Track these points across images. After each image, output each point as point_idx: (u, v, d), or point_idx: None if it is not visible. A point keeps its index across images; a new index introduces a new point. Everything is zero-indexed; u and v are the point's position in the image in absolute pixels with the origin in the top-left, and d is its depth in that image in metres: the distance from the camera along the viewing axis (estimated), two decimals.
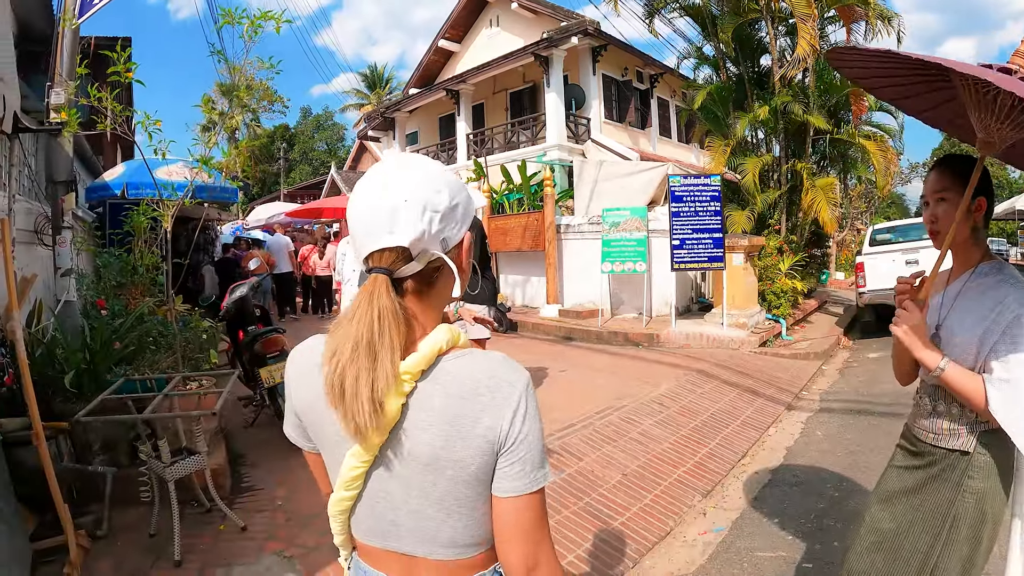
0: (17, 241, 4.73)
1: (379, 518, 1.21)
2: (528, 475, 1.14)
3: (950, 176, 2.06)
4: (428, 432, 1.12)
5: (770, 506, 4.60)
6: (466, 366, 1.16)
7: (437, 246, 1.16)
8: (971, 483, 2.00)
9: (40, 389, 4.47)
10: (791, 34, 13.28)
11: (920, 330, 1.98)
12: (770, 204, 13.22)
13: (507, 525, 1.15)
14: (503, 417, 1.12)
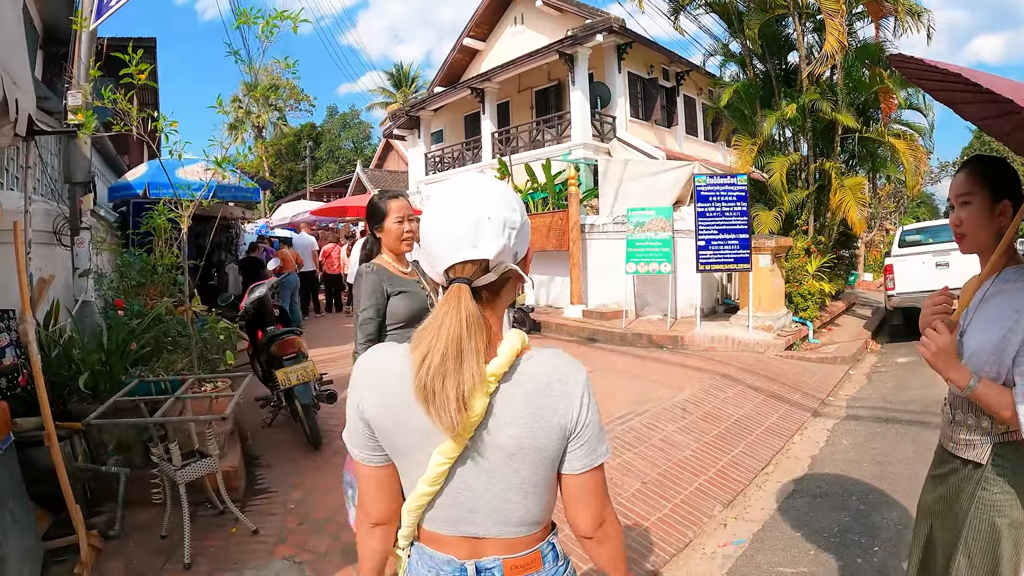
0: (35, 242, 4.73)
1: (458, 507, 1.34)
2: (594, 452, 1.34)
3: (976, 178, 2.00)
4: (512, 426, 1.28)
5: (793, 518, 4.46)
6: (538, 365, 1.33)
7: (511, 259, 1.33)
8: (984, 495, 1.97)
9: (56, 390, 4.50)
10: (819, 30, 13.00)
11: (949, 351, 1.91)
12: (798, 204, 12.98)
13: (579, 496, 1.36)
14: (572, 407, 1.31)
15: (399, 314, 3.13)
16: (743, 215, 10.31)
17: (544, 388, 1.30)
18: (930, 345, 1.93)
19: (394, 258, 3.27)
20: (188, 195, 5.46)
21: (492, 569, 1.35)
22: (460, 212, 1.29)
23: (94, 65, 5.27)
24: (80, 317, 5.58)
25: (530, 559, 1.37)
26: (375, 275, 3.14)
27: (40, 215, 5.34)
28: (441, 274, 1.33)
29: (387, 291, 3.12)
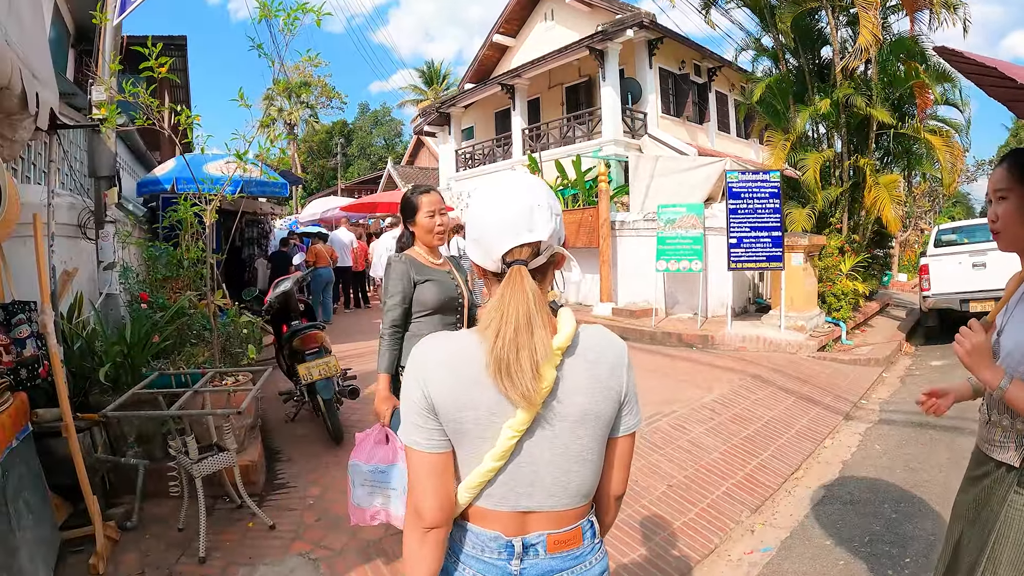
0: (59, 235, 4.75)
1: (519, 481, 1.39)
2: (638, 414, 1.52)
3: (1015, 173, 1.92)
4: (579, 394, 1.39)
5: (822, 526, 4.31)
6: (592, 339, 1.45)
7: (556, 241, 1.45)
8: (1017, 498, 1.91)
9: (78, 381, 4.52)
10: (852, 24, 12.68)
11: (982, 350, 1.88)
12: (831, 202, 12.71)
13: (622, 457, 1.51)
14: (623, 374, 1.46)
15: (426, 302, 3.29)
16: (776, 212, 10.11)
17: (601, 358, 1.43)
18: (964, 343, 1.89)
19: (426, 250, 3.42)
20: (213, 190, 5.45)
21: (536, 545, 1.41)
22: (513, 202, 1.40)
23: (114, 60, 5.28)
24: (104, 310, 5.60)
25: (572, 535, 1.44)
26: (403, 264, 3.31)
27: (64, 209, 5.36)
28: (497, 260, 1.41)
29: (414, 279, 3.28)
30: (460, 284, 3.40)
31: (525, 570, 1.41)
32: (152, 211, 9.84)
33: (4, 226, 3.56)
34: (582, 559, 1.46)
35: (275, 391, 7.00)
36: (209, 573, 3.58)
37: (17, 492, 3.14)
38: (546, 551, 1.42)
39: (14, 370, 3.68)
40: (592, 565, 1.47)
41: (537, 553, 1.41)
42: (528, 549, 1.41)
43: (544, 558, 1.42)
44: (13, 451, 3.18)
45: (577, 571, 1.45)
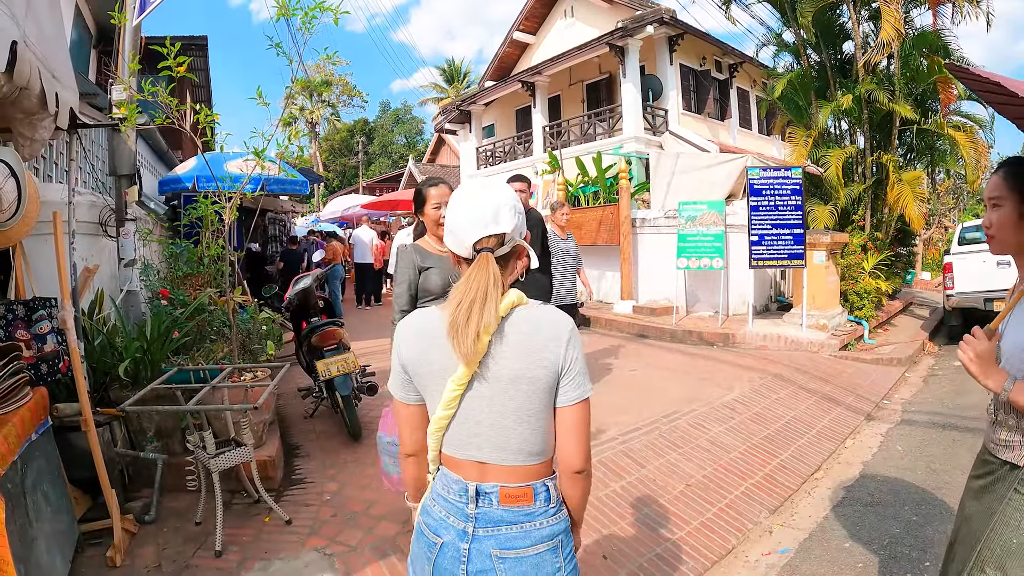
0: (80, 233, 4.81)
1: (467, 432, 1.65)
2: (582, 385, 1.64)
3: (1008, 182, 1.98)
4: (510, 359, 1.60)
5: (842, 528, 4.25)
6: (530, 312, 1.65)
7: (518, 235, 1.71)
8: (1016, 496, 1.94)
9: (98, 376, 4.58)
10: (874, 18, 12.51)
11: (986, 357, 1.92)
12: (854, 199, 12.55)
13: (573, 426, 1.64)
14: (560, 345, 1.61)
15: (430, 288, 3.46)
16: (798, 209, 9.99)
17: (537, 331, 1.62)
18: (967, 350, 1.94)
19: (435, 239, 3.57)
20: (233, 188, 5.48)
21: (490, 494, 1.63)
22: (484, 200, 1.66)
23: (133, 59, 5.32)
24: (124, 306, 5.65)
25: (523, 492, 1.63)
26: (409, 252, 3.53)
27: (85, 207, 5.42)
28: (469, 247, 1.67)
29: (419, 265, 3.48)
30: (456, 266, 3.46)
31: (480, 515, 1.63)
32: (174, 209, 9.92)
33: (24, 224, 3.60)
34: (533, 518, 1.63)
35: (294, 387, 7.04)
36: (225, 567, 3.61)
37: (36, 485, 3.18)
38: (498, 502, 1.62)
39: (35, 365, 3.73)
40: (543, 526, 1.64)
41: (491, 502, 1.63)
42: (482, 496, 1.63)
43: (496, 508, 1.62)
44: (32, 444, 3.21)
45: (527, 528, 1.62)
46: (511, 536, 1.61)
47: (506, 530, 1.62)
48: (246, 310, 6.31)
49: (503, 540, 1.61)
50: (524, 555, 1.61)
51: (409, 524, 4.04)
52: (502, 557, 1.60)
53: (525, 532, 1.62)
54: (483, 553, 1.61)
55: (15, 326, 3.69)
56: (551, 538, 1.64)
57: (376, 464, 4.99)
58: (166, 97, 4.69)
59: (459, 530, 1.64)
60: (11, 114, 3.28)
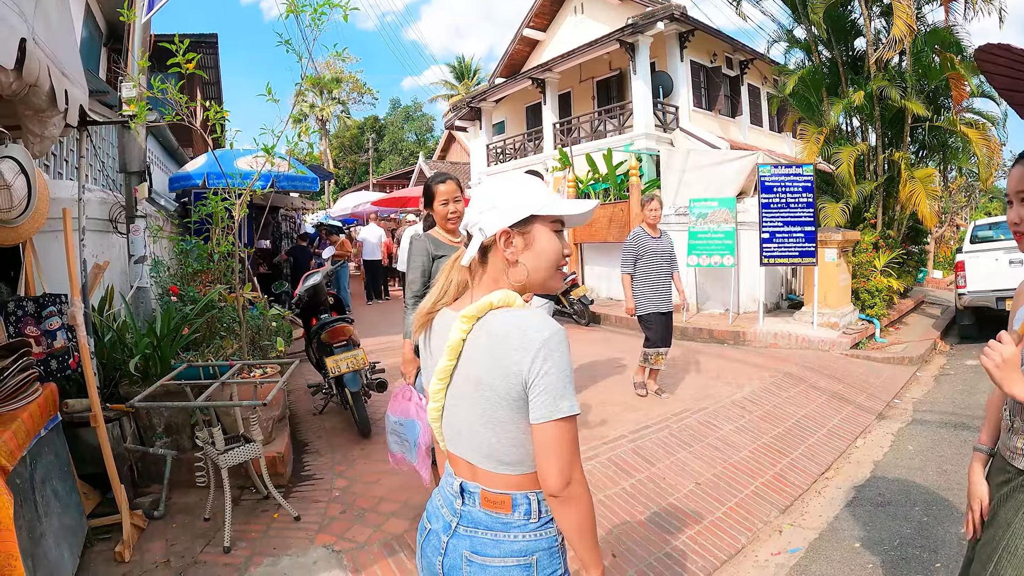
0: (90, 229, 4.83)
1: (450, 427, 1.66)
2: (552, 404, 1.45)
3: None
4: (477, 362, 1.54)
5: (852, 528, 4.21)
6: (507, 317, 1.53)
7: (477, 231, 1.62)
8: None
9: (108, 372, 4.59)
10: (886, 14, 12.40)
11: (1013, 364, 1.77)
12: (865, 196, 12.43)
13: (543, 446, 1.47)
14: (525, 356, 1.45)
15: None
16: (809, 207, 9.92)
17: (504, 337, 1.49)
18: (993, 356, 1.79)
19: (446, 231, 3.74)
20: (243, 184, 5.49)
21: (474, 493, 1.60)
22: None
23: (143, 56, 5.34)
24: (134, 302, 5.67)
25: (500, 499, 1.57)
26: (423, 241, 3.69)
27: (95, 204, 5.43)
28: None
29: (432, 254, 3.64)
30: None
31: (464, 512, 1.61)
32: (184, 206, 9.95)
33: (34, 221, 3.62)
34: (509, 528, 1.56)
35: (304, 384, 7.06)
36: (233, 563, 3.61)
37: (45, 480, 3.19)
38: (479, 503, 1.59)
39: (44, 361, 3.76)
40: (517, 539, 1.55)
41: (474, 502, 1.60)
42: (467, 494, 1.62)
43: (478, 509, 1.59)
44: (42, 440, 3.23)
45: (500, 536, 1.56)
46: (484, 541, 1.57)
47: (482, 534, 1.57)
48: (256, 306, 6.32)
49: (476, 543, 1.57)
50: (488, 564, 1.55)
51: (417, 521, 4.05)
52: (470, 560, 1.57)
53: (496, 541, 1.56)
54: (457, 551, 1.59)
55: (25, 322, 3.71)
56: (523, 554, 1.55)
57: (386, 460, 5.04)
58: (176, 94, 4.70)
59: (446, 522, 1.64)
60: (21, 111, 3.28)
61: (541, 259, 1.62)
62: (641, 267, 6.60)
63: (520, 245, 1.61)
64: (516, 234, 1.60)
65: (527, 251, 1.62)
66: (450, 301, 1.71)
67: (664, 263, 6.61)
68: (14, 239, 3.70)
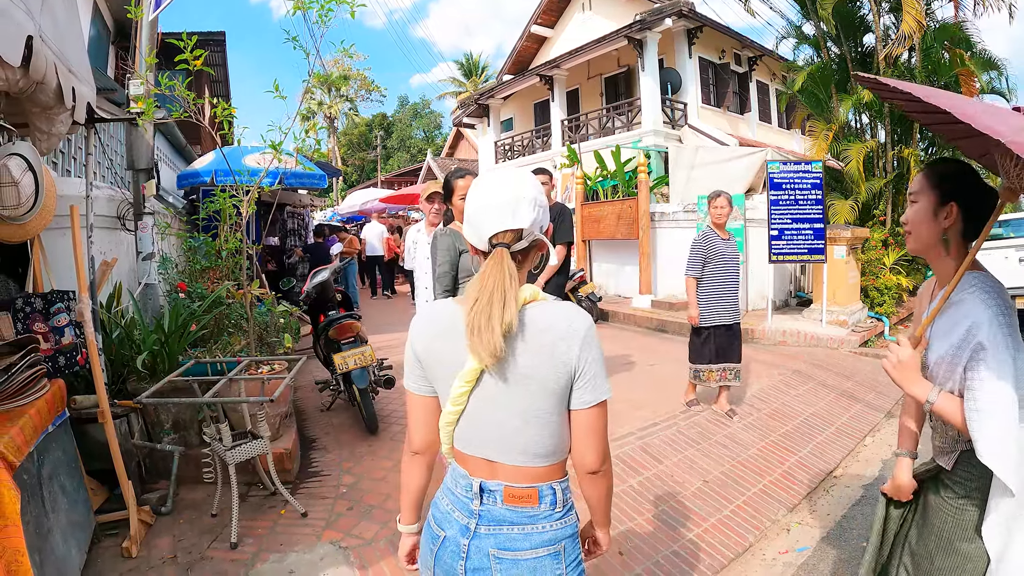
0: (98, 226, 4.84)
1: (474, 428, 1.62)
2: (598, 388, 1.56)
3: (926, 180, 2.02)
4: (520, 356, 1.54)
5: (860, 526, 4.17)
6: (545, 309, 1.58)
7: (538, 230, 1.64)
8: (948, 500, 2.04)
9: (116, 369, 4.60)
10: (895, 10, 12.35)
11: (909, 366, 1.95)
12: (875, 193, 12.41)
13: (588, 429, 1.58)
14: (573, 348, 1.53)
15: (469, 268, 3.70)
16: (818, 204, 9.86)
17: (550, 328, 1.55)
18: (891, 358, 1.97)
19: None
20: (251, 181, 5.49)
21: (495, 492, 1.60)
22: (502, 192, 1.59)
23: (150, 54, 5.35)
24: (142, 299, 5.68)
25: (527, 493, 1.59)
26: (448, 236, 3.74)
27: (103, 200, 5.45)
28: (485, 241, 1.61)
29: (459, 248, 3.71)
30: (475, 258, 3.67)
31: (483, 512, 1.61)
32: (192, 203, 9.96)
33: (42, 217, 3.62)
34: (536, 520, 1.59)
35: (312, 380, 7.07)
36: (240, 559, 3.62)
37: (52, 476, 3.20)
38: (502, 500, 1.59)
39: (52, 358, 3.76)
40: (545, 530, 1.60)
41: (495, 500, 1.60)
42: (486, 493, 1.61)
43: (500, 506, 1.60)
44: (49, 436, 3.23)
45: (528, 529, 1.59)
46: (511, 536, 1.58)
47: (507, 530, 1.59)
48: (264, 303, 6.33)
49: (503, 540, 1.58)
50: (521, 558, 1.57)
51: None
52: (499, 557, 1.58)
53: (526, 535, 1.59)
54: (482, 551, 1.59)
55: (33, 319, 3.72)
56: (553, 543, 1.60)
57: (393, 457, 5.04)
58: (183, 91, 4.70)
59: (462, 525, 1.63)
60: (28, 109, 3.29)
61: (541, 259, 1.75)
62: (708, 273, 5.94)
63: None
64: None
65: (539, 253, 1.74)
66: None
67: (734, 268, 6.00)
68: (22, 236, 3.71)
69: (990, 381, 1.79)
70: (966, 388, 1.84)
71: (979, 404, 1.80)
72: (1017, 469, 1.78)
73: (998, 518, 1.85)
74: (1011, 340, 1.82)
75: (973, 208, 1.97)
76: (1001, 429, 1.77)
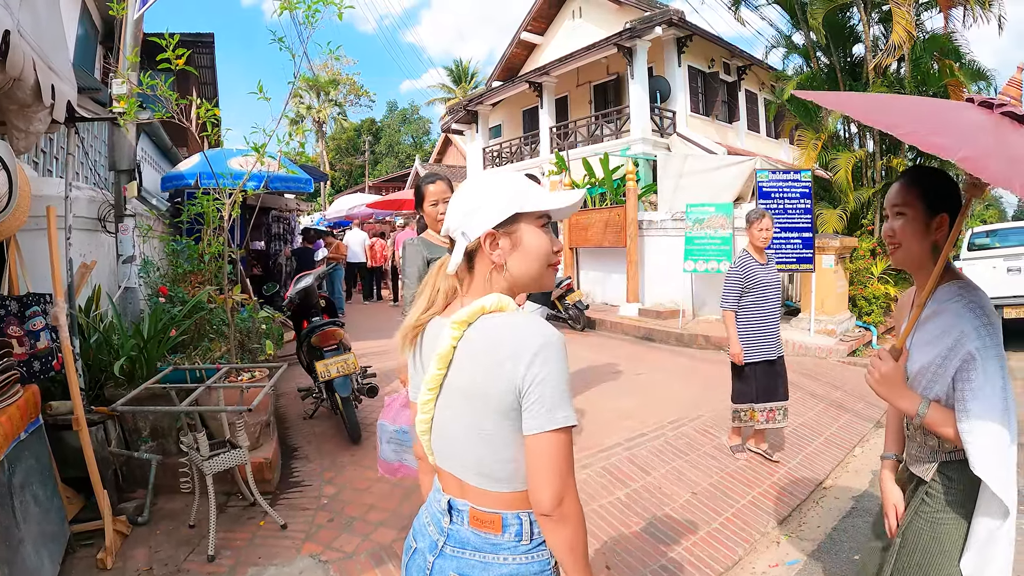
0: (77, 228, 4.75)
1: (439, 440, 1.57)
2: (547, 414, 1.35)
3: (914, 190, 1.98)
4: (467, 369, 1.45)
5: (851, 539, 4.12)
6: (501, 321, 1.44)
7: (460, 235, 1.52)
8: (924, 509, 1.99)
9: (93, 374, 4.50)
10: (885, 21, 12.40)
11: (894, 379, 1.91)
12: (863, 203, 12.45)
13: (535, 460, 1.38)
14: (520, 361, 1.36)
15: None
16: (807, 213, 9.86)
17: (497, 342, 1.40)
18: (874, 373, 1.93)
19: (437, 232, 3.63)
20: (235, 184, 5.41)
21: (462, 512, 1.51)
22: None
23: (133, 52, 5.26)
24: (122, 303, 5.58)
25: (490, 519, 1.47)
26: (415, 246, 3.60)
27: (84, 202, 5.35)
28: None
29: (427, 257, 3.53)
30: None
31: (452, 531, 1.52)
32: (177, 206, 9.84)
33: (15, 218, 3.53)
34: (498, 550, 1.47)
35: (295, 387, 6.96)
36: (218, 572, 3.52)
37: (24, 485, 3.10)
38: (468, 522, 1.49)
39: (27, 362, 3.66)
40: (506, 562, 1.46)
41: (462, 520, 1.51)
42: (455, 512, 1.52)
43: (466, 528, 1.50)
44: (21, 443, 3.14)
45: (488, 559, 1.47)
46: (471, 564, 1.47)
47: (470, 555, 1.48)
48: (245, 308, 6.23)
49: (463, 565, 1.48)
50: None
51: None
52: None
53: (485, 564, 1.46)
54: (444, 572, 1.50)
55: (8, 322, 3.62)
56: None
57: (375, 467, 4.93)
58: (166, 90, 4.62)
59: (432, 540, 1.56)
60: (5, 106, 3.20)
61: (530, 258, 1.53)
62: (746, 303, 5.20)
63: (507, 246, 1.52)
64: (502, 235, 1.51)
65: (514, 252, 1.52)
66: (440, 310, 1.59)
67: (774, 296, 5.27)
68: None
69: (982, 391, 1.77)
70: (956, 399, 1.81)
71: (971, 415, 1.77)
72: (1011, 482, 1.76)
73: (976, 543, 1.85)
74: (999, 349, 1.81)
75: (955, 213, 1.95)
76: (995, 440, 1.75)
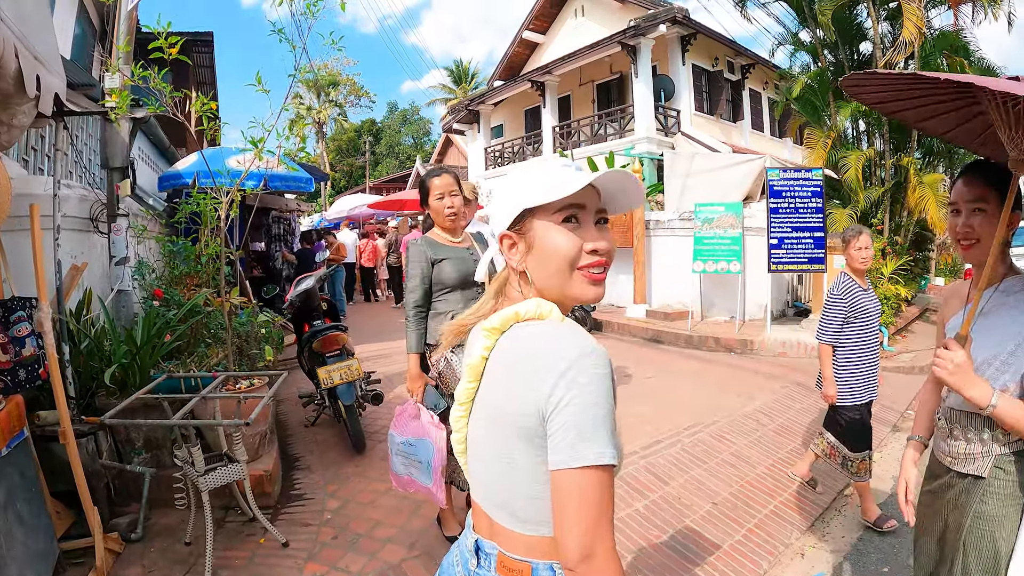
0: (67, 228, 4.55)
1: (473, 462, 1.35)
2: (572, 447, 1.08)
3: (985, 185, 1.95)
4: (496, 385, 1.24)
5: (877, 550, 3.94)
6: (533, 330, 1.22)
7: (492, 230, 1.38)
8: (984, 508, 1.92)
9: (84, 382, 4.29)
10: (893, 18, 12.27)
11: (966, 368, 1.83)
12: (873, 202, 12.26)
13: (559, 501, 1.10)
14: (547, 380, 1.11)
15: (445, 280, 3.44)
16: (818, 212, 9.64)
17: (527, 354, 1.19)
18: (946, 364, 1.84)
19: (445, 231, 3.56)
20: (233, 183, 5.20)
21: (490, 555, 1.28)
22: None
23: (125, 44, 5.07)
24: (115, 306, 5.36)
25: (520, 567, 1.22)
26: (419, 246, 3.46)
27: (75, 201, 5.13)
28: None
29: (431, 258, 3.43)
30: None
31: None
32: (174, 206, 9.64)
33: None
34: None
35: (296, 393, 6.75)
36: None
37: (7, 503, 2.90)
38: (495, 568, 1.26)
39: (12, 371, 3.45)
40: None
41: (490, 565, 1.28)
42: (482, 554, 1.30)
43: (493, 574, 1.27)
44: (4, 458, 2.95)
45: None
46: None
47: None
48: (244, 312, 6.01)
49: None
50: None
51: (416, 549, 3.76)
52: None
53: None
54: None
55: None
56: None
57: (382, 479, 4.72)
58: (159, 82, 4.41)
59: None
60: None
61: (545, 262, 1.27)
62: (850, 334, 4.31)
63: (524, 249, 1.31)
64: (518, 237, 1.31)
65: (530, 254, 1.30)
66: (488, 313, 1.34)
67: (875, 325, 4.40)
68: None
69: None
70: None
71: None
72: None
73: None
74: None
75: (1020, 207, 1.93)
76: None
